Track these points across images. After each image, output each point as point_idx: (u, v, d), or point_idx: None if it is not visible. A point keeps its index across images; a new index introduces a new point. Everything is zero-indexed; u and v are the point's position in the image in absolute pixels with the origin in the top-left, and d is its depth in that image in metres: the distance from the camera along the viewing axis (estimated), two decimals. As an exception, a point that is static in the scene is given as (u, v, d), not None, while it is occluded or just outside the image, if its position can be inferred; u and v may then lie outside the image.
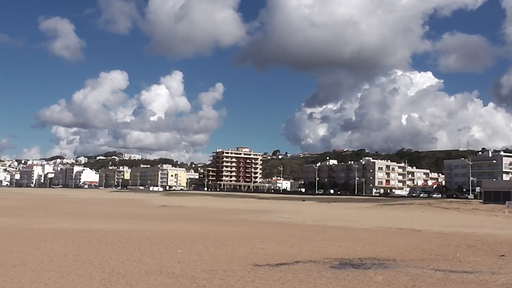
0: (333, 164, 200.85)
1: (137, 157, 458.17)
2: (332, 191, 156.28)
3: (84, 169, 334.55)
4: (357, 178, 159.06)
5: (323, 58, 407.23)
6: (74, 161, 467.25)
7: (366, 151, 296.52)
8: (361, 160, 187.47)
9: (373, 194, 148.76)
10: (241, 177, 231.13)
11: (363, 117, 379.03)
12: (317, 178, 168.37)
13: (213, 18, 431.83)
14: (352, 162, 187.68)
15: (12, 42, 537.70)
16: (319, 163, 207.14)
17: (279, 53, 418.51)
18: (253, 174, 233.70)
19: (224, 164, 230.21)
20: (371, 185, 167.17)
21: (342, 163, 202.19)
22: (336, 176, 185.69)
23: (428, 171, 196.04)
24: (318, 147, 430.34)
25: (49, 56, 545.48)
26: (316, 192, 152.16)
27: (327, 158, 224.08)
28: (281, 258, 19.01)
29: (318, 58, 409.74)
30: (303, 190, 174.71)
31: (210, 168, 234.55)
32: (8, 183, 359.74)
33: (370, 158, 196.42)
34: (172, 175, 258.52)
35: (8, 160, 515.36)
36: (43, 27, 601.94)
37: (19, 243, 21.77)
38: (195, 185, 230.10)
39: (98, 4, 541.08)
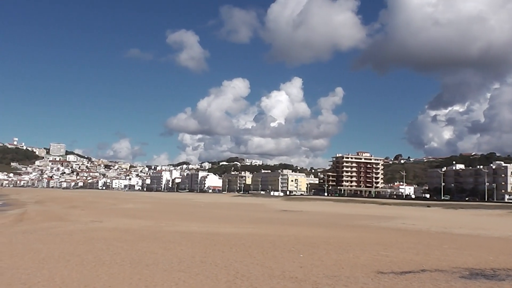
0: (460, 168, 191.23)
1: (258, 162, 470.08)
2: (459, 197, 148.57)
3: (208, 174, 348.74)
4: (487, 184, 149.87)
5: (448, 57, 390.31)
6: (199, 166, 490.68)
7: (497, 154, 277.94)
8: (492, 164, 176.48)
9: (506, 200, 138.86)
10: (361, 182, 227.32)
11: (494, 118, 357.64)
12: (443, 184, 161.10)
13: (331, 22, 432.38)
14: (481, 166, 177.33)
15: (142, 55, 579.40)
16: (445, 167, 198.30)
17: (401, 54, 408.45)
18: (374, 179, 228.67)
19: (344, 169, 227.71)
20: (503, 191, 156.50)
21: (470, 167, 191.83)
22: (464, 182, 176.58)
23: None
24: (443, 151, 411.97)
25: (176, 67, 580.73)
26: (442, 198, 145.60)
27: (453, 162, 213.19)
28: (406, 266, 18.38)
29: (442, 58, 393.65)
30: (427, 196, 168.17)
31: (330, 173, 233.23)
32: (140, 188, 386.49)
33: (502, 162, 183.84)
34: (292, 180, 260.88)
35: (140, 166, 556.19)
36: (170, 40, 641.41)
37: (151, 244, 23.11)
38: (315, 190, 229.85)
39: (220, 15, 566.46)
